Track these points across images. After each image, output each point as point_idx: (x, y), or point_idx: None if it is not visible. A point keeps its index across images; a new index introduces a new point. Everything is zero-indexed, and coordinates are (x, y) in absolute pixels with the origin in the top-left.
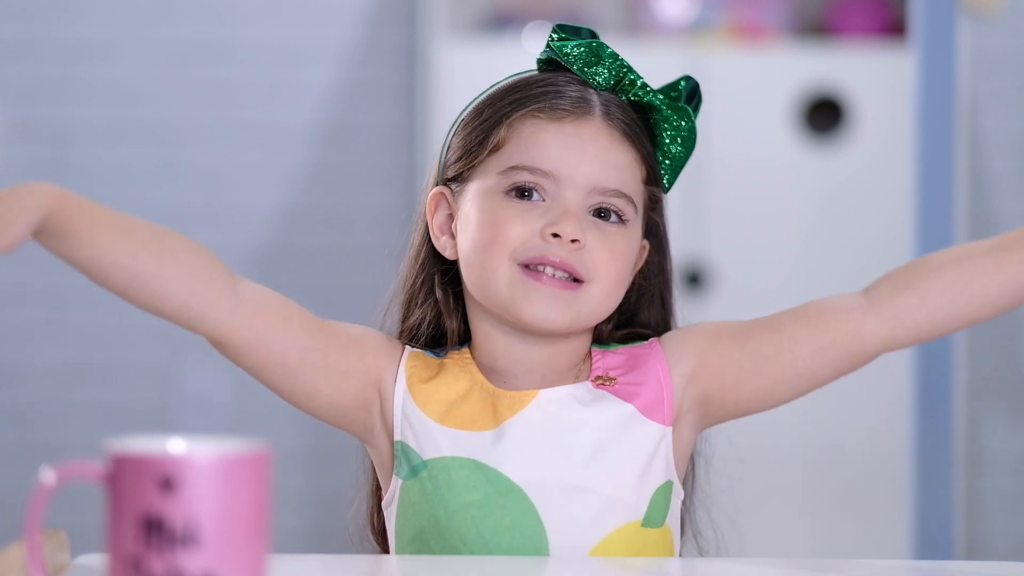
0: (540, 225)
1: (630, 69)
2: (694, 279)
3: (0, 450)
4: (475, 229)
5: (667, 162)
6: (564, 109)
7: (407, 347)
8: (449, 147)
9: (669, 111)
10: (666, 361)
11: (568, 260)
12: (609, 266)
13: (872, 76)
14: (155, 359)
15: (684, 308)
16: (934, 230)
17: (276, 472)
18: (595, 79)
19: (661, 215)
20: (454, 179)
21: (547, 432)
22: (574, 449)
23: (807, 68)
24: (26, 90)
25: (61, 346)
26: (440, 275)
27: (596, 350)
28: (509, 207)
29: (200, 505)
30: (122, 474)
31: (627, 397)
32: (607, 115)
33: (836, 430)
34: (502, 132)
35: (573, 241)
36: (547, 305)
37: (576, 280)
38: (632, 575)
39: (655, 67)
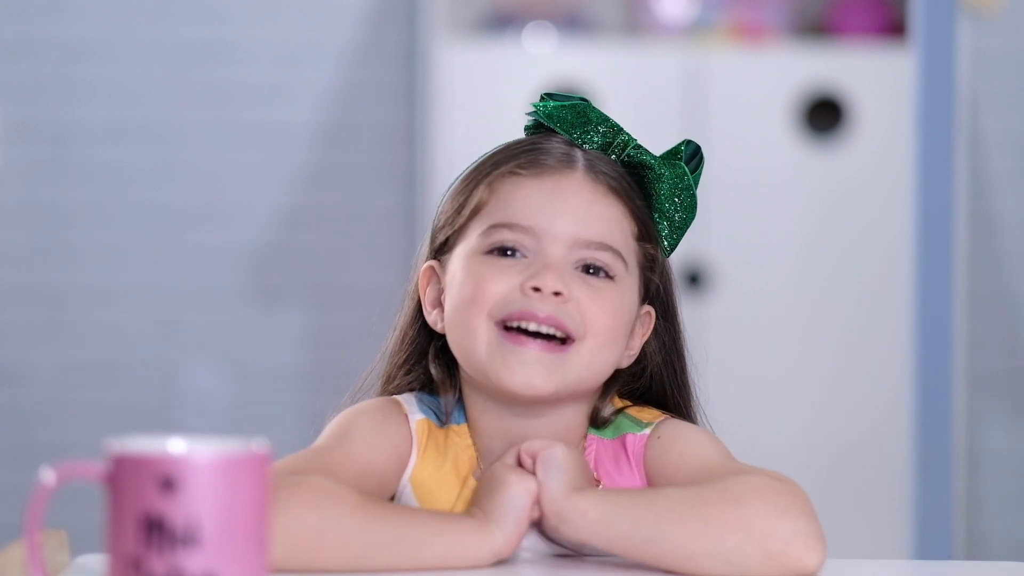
0: (520, 280)
1: (620, 130)
2: (694, 279)
3: (0, 450)
4: (457, 290)
5: (665, 223)
6: (545, 164)
7: (409, 414)
8: (437, 217)
9: (663, 168)
10: (643, 468)
11: (555, 315)
12: (600, 320)
13: (872, 76)
14: (155, 359)
15: (685, 309)
16: (934, 230)
17: None
18: (583, 140)
19: (664, 277)
20: (442, 249)
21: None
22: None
23: (807, 68)
24: (26, 90)
25: (61, 346)
26: (434, 352)
27: (592, 436)
28: (489, 265)
29: (201, 505)
30: (122, 474)
31: None
32: (591, 169)
33: (836, 430)
34: (482, 192)
35: (556, 295)
36: (530, 372)
37: (565, 340)
38: (631, 575)
39: (655, 67)
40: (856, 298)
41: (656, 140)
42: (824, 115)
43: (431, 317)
